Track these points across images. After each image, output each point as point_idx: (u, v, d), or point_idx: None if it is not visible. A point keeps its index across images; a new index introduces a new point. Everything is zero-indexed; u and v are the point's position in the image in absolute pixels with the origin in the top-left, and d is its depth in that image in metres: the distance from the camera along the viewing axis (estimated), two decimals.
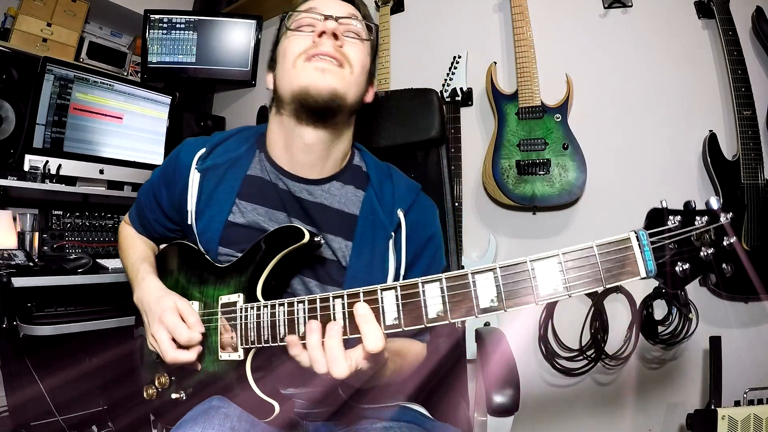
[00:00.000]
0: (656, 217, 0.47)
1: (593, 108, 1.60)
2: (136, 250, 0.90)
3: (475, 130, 1.77)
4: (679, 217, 0.46)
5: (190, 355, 0.70)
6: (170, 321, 0.70)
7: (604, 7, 1.60)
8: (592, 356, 1.54)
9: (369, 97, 0.84)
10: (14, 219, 1.58)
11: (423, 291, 0.53)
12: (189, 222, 0.81)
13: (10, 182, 1.49)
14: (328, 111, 0.74)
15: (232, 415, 0.65)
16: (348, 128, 0.82)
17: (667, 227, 0.46)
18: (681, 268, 0.46)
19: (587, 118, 1.59)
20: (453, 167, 1.58)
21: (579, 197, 1.56)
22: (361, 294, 0.57)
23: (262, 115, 2.25)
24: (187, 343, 0.69)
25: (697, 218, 0.46)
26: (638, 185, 1.54)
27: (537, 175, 1.53)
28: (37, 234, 1.63)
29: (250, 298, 0.70)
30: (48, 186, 1.58)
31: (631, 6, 1.57)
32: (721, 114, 1.47)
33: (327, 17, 0.74)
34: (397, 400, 0.82)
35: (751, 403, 1.26)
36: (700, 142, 1.46)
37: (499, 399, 0.73)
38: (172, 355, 0.69)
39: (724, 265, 0.46)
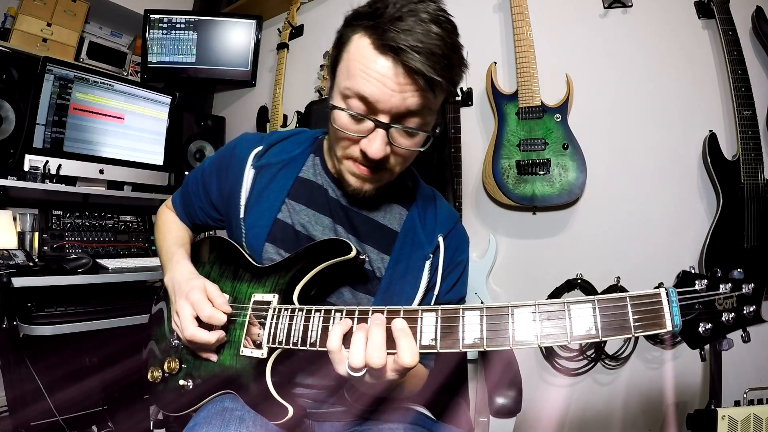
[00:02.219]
0: (685, 279, 0.51)
1: (593, 108, 1.60)
2: (174, 235, 0.91)
3: (475, 130, 1.77)
4: (705, 281, 0.50)
5: (208, 336, 0.69)
6: (196, 297, 0.70)
7: (604, 7, 1.60)
8: (592, 356, 1.54)
9: None
10: (14, 219, 1.57)
11: (462, 317, 0.55)
12: (240, 216, 0.82)
13: (10, 182, 1.50)
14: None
15: (247, 419, 0.64)
16: None
17: (694, 289, 0.50)
18: (704, 328, 0.50)
19: (587, 118, 1.59)
20: (453, 167, 1.58)
21: (579, 197, 1.57)
22: (402, 311, 0.58)
23: (262, 115, 2.25)
24: (208, 320, 0.69)
25: (722, 285, 0.50)
26: (638, 185, 1.54)
27: (537, 175, 1.53)
28: (37, 234, 1.63)
29: (286, 300, 0.70)
30: (48, 186, 1.58)
31: (631, 6, 1.57)
32: (721, 114, 1.47)
33: (378, 124, 0.66)
34: (398, 401, 0.82)
35: (751, 403, 1.25)
36: (700, 142, 1.46)
37: (501, 401, 0.73)
38: (191, 331, 0.68)
39: (742, 334, 0.51)
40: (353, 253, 0.71)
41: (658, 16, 1.54)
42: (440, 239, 0.81)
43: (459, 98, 1.72)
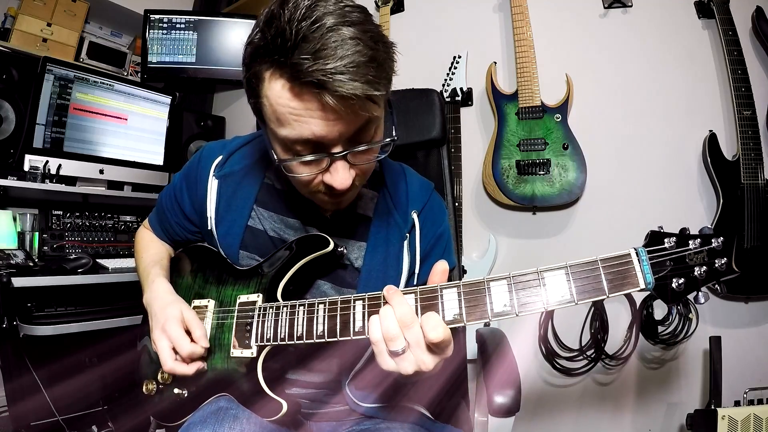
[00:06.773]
0: (655, 238, 0.53)
1: (593, 108, 1.60)
2: (150, 254, 0.91)
3: (475, 130, 1.77)
4: (674, 239, 0.52)
5: (188, 369, 0.70)
6: (173, 332, 0.70)
7: (604, 7, 1.60)
8: (592, 356, 1.54)
9: None
10: (14, 219, 1.57)
11: (441, 296, 0.56)
12: (209, 227, 0.82)
13: (10, 182, 1.49)
14: None
15: (242, 417, 0.65)
16: None
17: (663, 247, 0.52)
18: (677, 283, 0.51)
19: (587, 118, 1.59)
20: (453, 167, 1.58)
21: (579, 197, 1.57)
22: (383, 297, 0.58)
23: None
24: (188, 357, 0.69)
25: (691, 242, 0.52)
26: (638, 185, 1.54)
27: (537, 175, 1.53)
28: (37, 234, 1.63)
29: (270, 298, 0.71)
30: (48, 186, 1.57)
31: (631, 6, 1.58)
32: (721, 114, 1.47)
33: (333, 158, 0.61)
34: (398, 400, 0.82)
35: (751, 403, 1.25)
36: (700, 142, 1.46)
37: (500, 400, 0.73)
38: (170, 366, 0.69)
39: (717, 287, 0.52)
40: (331, 246, 0.72)
41: (658, 16, 1.54)
42: (414, 216, 0.80)
43: (459, 98, 1.72)
